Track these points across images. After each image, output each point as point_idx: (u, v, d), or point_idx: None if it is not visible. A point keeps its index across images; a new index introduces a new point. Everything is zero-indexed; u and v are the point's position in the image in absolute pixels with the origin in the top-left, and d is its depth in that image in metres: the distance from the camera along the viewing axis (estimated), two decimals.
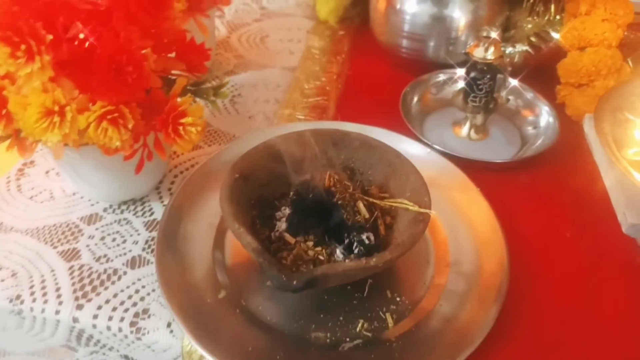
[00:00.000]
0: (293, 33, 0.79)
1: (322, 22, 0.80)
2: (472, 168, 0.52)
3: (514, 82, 0.62)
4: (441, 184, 0.51)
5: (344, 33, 0.77)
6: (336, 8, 0.77)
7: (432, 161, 0.53)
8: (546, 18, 0.64)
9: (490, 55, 0.53)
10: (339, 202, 0.41)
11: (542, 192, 0.51)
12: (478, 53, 0.53)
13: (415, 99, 0.63)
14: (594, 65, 0.57)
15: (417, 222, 0.40)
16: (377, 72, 0.70)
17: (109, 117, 0.38)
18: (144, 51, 0.39)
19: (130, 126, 0.38)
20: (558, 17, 0.63)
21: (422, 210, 0.40)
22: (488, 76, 0.55)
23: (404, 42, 0.66)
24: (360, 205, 0.41)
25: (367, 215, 0.41)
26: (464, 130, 0.60)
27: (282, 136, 0.46)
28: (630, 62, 0.62)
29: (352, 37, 0.76)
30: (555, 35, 0.63)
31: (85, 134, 0.38)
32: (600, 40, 0.57)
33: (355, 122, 0.57)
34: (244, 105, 0.64)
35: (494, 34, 0.53)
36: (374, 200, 0.42)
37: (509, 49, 0.65)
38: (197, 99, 0.47)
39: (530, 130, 0.60)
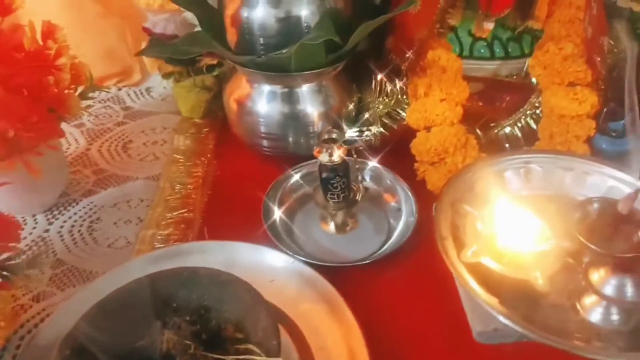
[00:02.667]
0: (158, 134, 0.77)
1: (186, 118, 0.78)
2: (338, 270, 0.52)
3: (373, 165, 0.63)
4: (305, 296, 0.50)
5: (208, 130, 0.75)
6: (197, 104, 0.76)
7: (296, 272, 0.52)
8: (394, 98, 0.66)
9: (337, 157, 0.53)
10: None
11: (405, 289, 0.51)
12: (323, 158, 0.53)
13: (281, 200, 0.61)
14: (441, 144, 0.59)
15: None
16: (245, 171, 0.68)
17: None
18: None
19: None
20: (405, 96, 0.65)
21: (267, 359, 0.38)
22: (340, 174, 0.55)
23: (264, 142, 0.66)
24: None
25: None
26: (331, 226, 0.60)
27: (117, 291, 0.43)
28: (478, 131, 0.65)
29: (218, 132, 0.75)
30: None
31: None
32: (442, 120, 0.59)
33: (219, 239, 0.55)
34: (103, 232, 0.60)
35: (335, 135, 0.53)
36: (218, 357, 0.39)
37: (365, 132, 0.66)
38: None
39: (395, 215, 0.60)
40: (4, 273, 0.44)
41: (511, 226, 0.45)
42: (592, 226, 0.46)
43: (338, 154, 0.53)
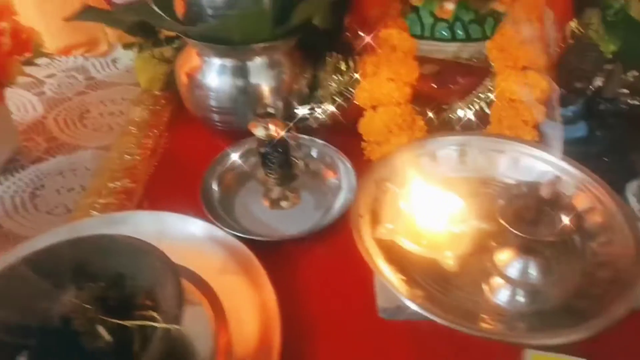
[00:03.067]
0: (117, 105, 0.76)
1: (146, 90, 0.77)
2: (271, 245, 0.52)
3: (317, 141, 0.62)
4: (230, 268, 0.50)
5: (165, 102, 0.74)
6: (156, 77, 0.75)
7: (225, 244, 0.51)
8: (347, 77, 0.65)
9: (273, 131, 0.52)
10: (77, 330, 0.38)
11: (332, 265, 0.50)
12: (259, 132, 0.52)
13: (221, 175, 0.61)
14: (386, 124, 0.58)
15: (161, 339, 0.38)
16: (196, 144, 0.67)
17: None
18: None
19: None
20: (357, 75, 0.63)
21: (166, 326, 0.38)
22: (279, 149, 0.54)
23: (215, 116, 0.65)
24: (101, 329, 0.38)
25: (107, 339, 0.38)
26: (282, 204, 0.59)
27: (33, 254, 0.43)
28: (430, 113, 0.64)
29: (176, 106, 0.74)
30: None
31: None
32: (388, 99, 0.58)
33: (157, 209, 0.55)
34: (45, 199, 0.60)
35: (272, 110, 0.52)
36: (121, 322, 0.39)
37: (317, 109, 0.65)
38: None
39: (335, 192, 0.59)
40: None
41: (432, 206, 0.44)
42: (516, 210, 0.45)
43: (274, 129, 0.52)
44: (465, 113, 0.63)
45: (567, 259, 0.43)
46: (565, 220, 0.45)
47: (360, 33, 0.61)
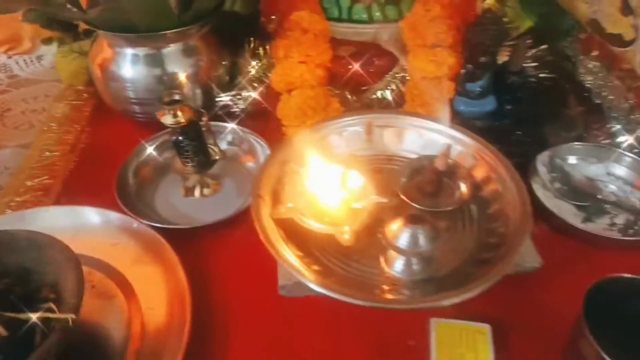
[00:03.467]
0: (39, 102, 0.75)
1: (70, 86, 0.76)
2: (185, 233, 0.52)
3: (234, 127, 0.62)
4: (145, 259, 0.50)
5: (88, 97, 0.73)
6: (78, 71, 0.74)
7: (140, 234, 0.52)
8: (265, 62, 0.65)
9: (181, 118, 0.52)
10: None
11: (247, 250, 0.50)
12: (167, 120, 0.52)
13: (139, 168, 0.60)
14: (300, 107, 0.58)
15: (60, 329, 0.38)
16: (118, 138, 0.67)
17: None
18: None
19: None
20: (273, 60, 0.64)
21: (63, 316, 0.38)
22: (190, 136, 0.54)
23: (135, 108, 0.64)
24: None
25: (5, 334, 0.38)
26: (196, 192, 0.59)
27: None
28: (349, 95, 0.65)
29: (98, 100, 0.73)
30: None
31: None
32: (301, 82, 0.59)
33: (75, 204, 0.55)
34: None
35: (177, 96, 0.52)
36: (15, 316, 0.39)
37: (239, 96, 0.66)
38: None
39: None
40: None
41: (334, 184, 0.45)
42: (417, 184, 0.47)
43: (183, 115, 0.52)
44: (382, 93, 0.64)
45: (462, 227, 0.45)
46: (463, 189, 0.47)
47: (272, 17, 0.61)
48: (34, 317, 0.39)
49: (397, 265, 0.41)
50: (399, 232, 0.39)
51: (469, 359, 0.41)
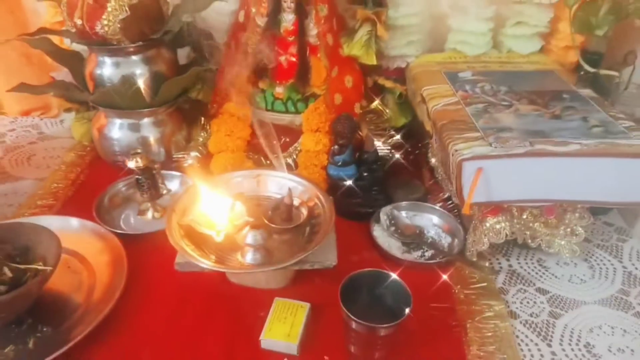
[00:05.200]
0: (56, 151, 1.06)
1: (79, 142, 1.07)
2: (135, 238, 0.80)
3: (176, 173, 0.92)
4: (103, 251, 0.77)
5: (90, 150, 1.04)
6: (86, 132, 1.05)
7: (105, 236, 0.79)
8: (206, 133, 0.96)
9: (140, 163, 0.82)
10: None
11: (167, 247, 0.78)
12: (132, 164, 0.82)
13: (113, 197, 0.89)
14: (223, 164, 0.88)
15: (42, 275, 0.64)
16: (105, 177, 0.96)
17: None
18: None
19: None
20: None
21: (45, 267, 0.65)
22: (146, 176, 0.83)
23: (117, 158, 0.94)
24: (6, 269, 0.65)
25: (10, 275, 0.65)
26: (148, 214, 0.87)
27: None
28: (263, 159, 0.94)
29: (96, 152, 1.03)
30: None
31: None
32: (226, 148, 0.89)
33: (62, 215, 0.83)
34: None
35: (139, 150, 0.82)
36: (17, 266, 0.66)
37: (188, 154, 0.96)
38: None
39: None
40: None
41: (224, 207, 0.72)
42: (275, 211, 0.75)
43: (141, 162, 0.82)
44: (285, 160, 0.94)
45: (296, 234, 0.72)
46: (303, 215, 0.74)
47: (214, 104, 0.93)
48: (29, 267, 0.66)
49: (247, 256, 0.68)
50: (247, 233, 0.67)
51: (289, 321, 0.66)
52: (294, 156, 0.94)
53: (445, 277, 0.75)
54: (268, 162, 0.94)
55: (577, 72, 0.91)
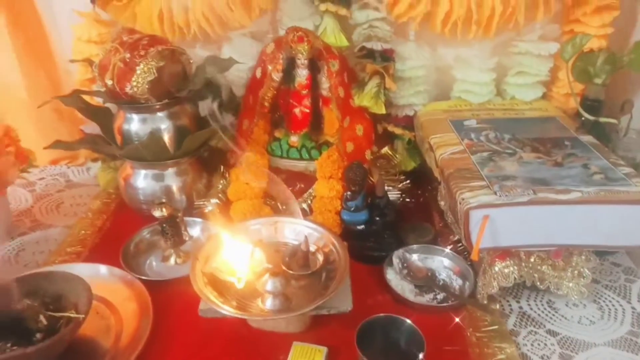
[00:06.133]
0: (83, 199, 1.12)
1: (104, 189, 1.13)
2: (161, 284, 0.84)
3: (198, 220, 0.97)
4: (130, 298, 0.82)
5: (115, 197, 1.10)
6: (112, 180, 1.11)
7: (131, 283, 0.84)
8: (226, 181, 1.01)
9: (165, 213, 0.87)
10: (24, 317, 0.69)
11: (191, 294, 0.82)
12: (157, 213, 0.87)
13: (138, 244, 0.94)
14: (243, 211, 0.93)
15: (75, 323, 0.69)
16: (128, 225, 1.00)
17: None
18: None
19: None
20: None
21: (77, 315, 0.69)
22: (170, 224, 0.88)
23: (142, 206, 1.00)
24: (41, 317, 0.69)
25: (45, 323, 0.69)
26: (171, 260, 0.92)
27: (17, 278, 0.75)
28: (279, 205, 0.99)
29: (120, 200, 1.09)
30: None
31: None
32: (245, 195, 0.94)
33: (94, 262, 0.88)
34: (24, 258, 0.93)
35: (164, 199, 0.87)
36: (52, 314, 0.71)
37: (209, 202, 1.01)
38: None
39: None
40: None
41: (244, 254, 0.76)
42: (293, 257, 0.78)
43: (165, 211, 0.87)
44: (300, 205, 0.98)
45: (313, 280, 0.76)
46: (319, 261, 0.78)
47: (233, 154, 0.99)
48: (63, 315, 0.70)
49: (267, 302, 0.71)
50: (266, 280, 0.71)
51: None
52: (309, 201, 0.99)
53: (457, 319, 0.77)
54: (284, 207, 0.99)
55: (579, 118, 0.95)
